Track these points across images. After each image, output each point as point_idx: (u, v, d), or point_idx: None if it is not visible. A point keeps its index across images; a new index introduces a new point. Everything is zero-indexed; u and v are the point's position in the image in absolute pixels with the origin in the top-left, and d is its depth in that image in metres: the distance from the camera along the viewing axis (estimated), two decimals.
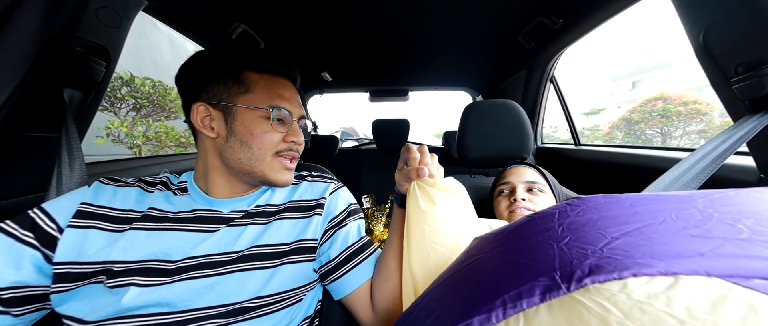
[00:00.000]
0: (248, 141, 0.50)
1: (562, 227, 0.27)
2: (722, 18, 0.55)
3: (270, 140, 0.51)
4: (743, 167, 0.67)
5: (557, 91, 1.53)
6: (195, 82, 0.52)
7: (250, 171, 0.52)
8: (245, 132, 0.50)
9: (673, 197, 0.28)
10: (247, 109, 0.50)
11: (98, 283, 0.43)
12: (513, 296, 0.22)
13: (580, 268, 0.21)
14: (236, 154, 0.51)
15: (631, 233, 0.24)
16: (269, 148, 0.52)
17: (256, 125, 0.50)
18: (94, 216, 0.47)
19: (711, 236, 0.22)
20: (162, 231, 0.48)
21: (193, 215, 0.51)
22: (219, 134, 0.51)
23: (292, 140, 0.54)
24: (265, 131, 0.51)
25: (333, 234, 0.58)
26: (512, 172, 0.79)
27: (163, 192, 0.54)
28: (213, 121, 0.51)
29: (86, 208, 0.47)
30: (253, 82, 0.51)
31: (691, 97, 7.69)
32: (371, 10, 1.03)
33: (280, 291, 0.51)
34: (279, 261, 0.52)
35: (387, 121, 2.05)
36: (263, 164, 0.52)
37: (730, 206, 0.25)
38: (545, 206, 0.68)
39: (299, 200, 0.60)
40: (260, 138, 0.50)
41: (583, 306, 0.20)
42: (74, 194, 0.49)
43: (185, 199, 0.53)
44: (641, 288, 0.19)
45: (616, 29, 21.55)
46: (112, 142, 2.97)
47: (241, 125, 0.50)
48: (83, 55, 0.66)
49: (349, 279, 0.56)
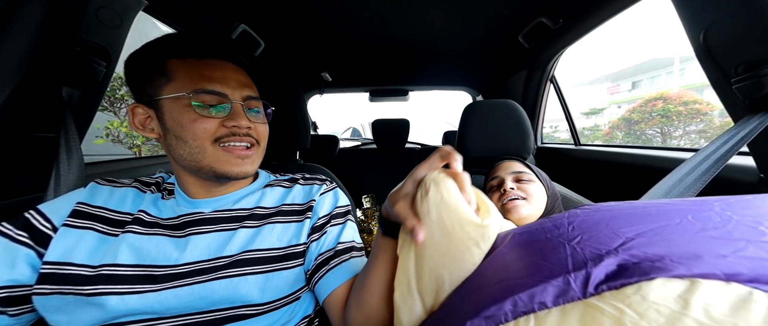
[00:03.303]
0: (181, 134, 0.46)
1: (572, 225, 0.26)
2: (722, 18, 0.55)
3: (203, 129, 0.46)
4: (743, 167, 0.67)
5: (557, 91, 1.53)
6: (132, 86, 0.49)
7: (198, 167, 0.48)
8: (175, 125, 0.46)
9: (686, 200, 0.27)
10: (170, 99, 0.46)
11: (79, 292, 0.41)
12: (524, 297, 0.22)
13: (595, 272, 0.20)
14: (177, 151, 0.47)
15: (647, 234, 0.23)
16: (205, 137, 0.46)
17: (182, 114, 0.45)
18: (90, 217, 0.46)
19: (733, 238, 0.21)
20: (152, 236, 0.47)
21: (179, 220, 0.50)
22: (158, 133, 0.48)
23: (232, 125, 0.47)
24: (193, 119, 0.45)
25: (316, 238, 0.55)
26: (499, 167, 0.82)
27: (154, 195, 0.53)
28: (151, 121, 0.48)
29: (83, 208, 0.46)
30: (174, 69, 0.47)
31: (691, 97, 7.69)
32: (371, 10, 1.03)
33: (277, 298, 0.49)
34: (272, 266, 0.50)
35: (387, 121, 2.05)
36: (207, 157, 0.47)
37: (748, 209, 0.25)
38: (535, 194, 0.70)
39: (292, 203, 0.58)
40: (191, 128, 0.45)
41: (597, 309, 0.19)
42: (70, 195, 0.48)
43: (171, 203, 0.52)
44: (657, 289, 0.18)
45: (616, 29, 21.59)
46: (111, 142, 2.96)
47: (170, 119, 0.46)
48: (83, 55, 0.66)
49: (323, 285, 0.51)
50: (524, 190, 0.72)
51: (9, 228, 0.42)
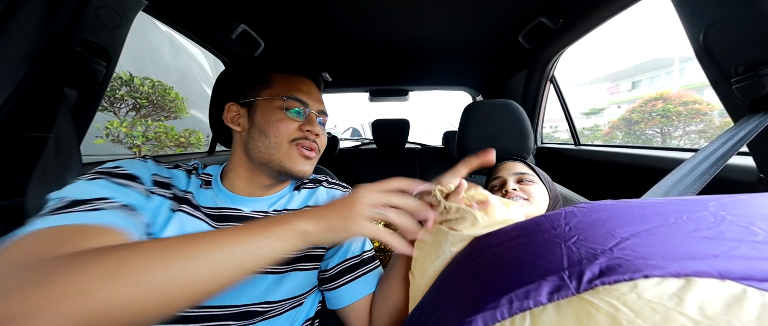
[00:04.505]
0: (266, 130, 0.54)
1: (569, 225, 0.26)
2: (722, 18, 0.55)
3: (285, 129, 0.54)
4: (743, 168, 0.67)
5: (557, 91, 1.53)
6: (230, 88, 0.60)
7: (268, 160, 0.54)
8: (263, 122, 0.54)
9: (682, 200, 0.28)
10: (265, 100, 0.56)
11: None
12: (520, 294, 0.22)
13: (590, 269, 0.21)
14: (256, 143, 0.54)
15: (641, 234, 0.23)
16: (285, 136, 0.54)
17: (272, 114, 0.55)
18: (165, 186, 0.49)
19: (725, 238, 0.22)
20: (196, 219, 0.49)
21: (218, 212, 0.53)
22: (243, 127, 0.57)
23: (307, 129, 0.56)
24: (280, 119, 0.54)
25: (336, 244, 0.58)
26: (502, 167, 0.81)
27: (197, 180, 0.56)
28: (240, 117, 0.57)
29: (159, 178, 0.49)
30: (275, 79, 0.58)
31: (691, 97, 7.69)
32: (371, 10, 1.03)
33: (287, 298, 0.52)
34: (287, 267, 0.53)
35: (387, 121, 2.05)
36: (280, 152, 0.54)
37: (742, 209, 0.25)
38: (537, 195, 0.70)
39: (315, 205, 0.61)
40: (275, 126, 0.54)
41: (592, 305, 0.20)
42: (136, 163, 0.48)
43: (210, 194, 0.55)
44: (652, 288, 0.19)
45: (616, 29, 21.55)
46: (111, 142, 2.96)
47: (260, 116, 0.55)
48: (83, 55, 0.66)
49: (346, 292, 0.55)
50: (526, 191, 0.72)
51: (141, 185, 0.45)
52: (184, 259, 0.29)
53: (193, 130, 3.68)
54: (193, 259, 0.30)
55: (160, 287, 0.28)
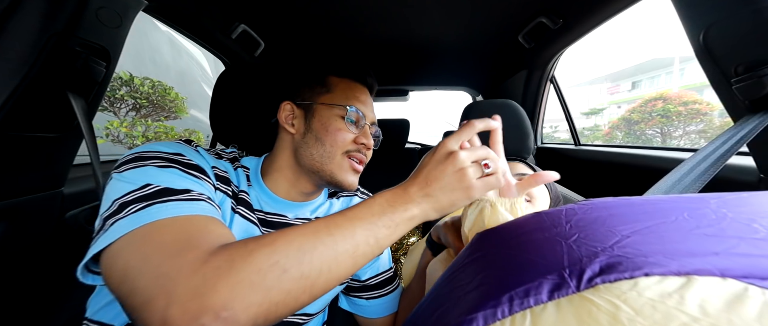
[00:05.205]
0: (322, 137, 0.52)
1: (570, 224, 0.26)
2: (722, 18, 0.55)
3: (342, 139, 0.53)
4: (743, 167, 0.67)
5: (557, 91, 1.53)
6: (284, 84, 0.58)
7: (319, 169, 0.53)
8: (321, 128, 0.53)
9: (683, 197, 0.28)
10: (325, 106, 0.54)
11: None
12: (520, 292, 0.22)
13: (590, 267, 0.21)
14: (310, 150, 0.53)
15: (642, 231, 0.23)
16: (340, 146, 0.53)
17: (331, 122, 0.53)
18: (225, 181, 0.47)
19: (726, 236, 0.22)
20: (251, 224, 0.48)
21: (266, 217, 0.52)
22: (297, 130, 0.55)
23: (362, 142, 0.55)
24: (339, 128, 0.53)
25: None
26: None
27: (242, 174, 0.53)
28: (295, 119, 0.55)
29: (219, 172, 0.47)
30: (334, 84, 0.56)
31: (691, 97, 7.69)
32: (371, 10, 1.03)
33: (321, 310, 0.54)
34: None
35: (387, 121, 2.05)
36: (333, 163, 0.53)
37: (744, 206, 0.25)
38: (539, 196, 0.70)
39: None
40: (333, 135, 0.52)
41: (592, 304, 0.20)
42: (191, 152, 0.45)
43: (254, 193, 0.53)
44: (653, 286, 0.19)
45: (616, 29, 21.56)
46: (111, 142, 2.96)
47: (318, 122, 0.53)
48: (83, 55, 0.65)
49: (375, 306, 0.58)
50: (528, 192, 0.72)
51: (209, 179, 0.43)
52: (347, 239, 0.31)
53: (194, 130, 3.68)
54: (346, 239, 0.31)
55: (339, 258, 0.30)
